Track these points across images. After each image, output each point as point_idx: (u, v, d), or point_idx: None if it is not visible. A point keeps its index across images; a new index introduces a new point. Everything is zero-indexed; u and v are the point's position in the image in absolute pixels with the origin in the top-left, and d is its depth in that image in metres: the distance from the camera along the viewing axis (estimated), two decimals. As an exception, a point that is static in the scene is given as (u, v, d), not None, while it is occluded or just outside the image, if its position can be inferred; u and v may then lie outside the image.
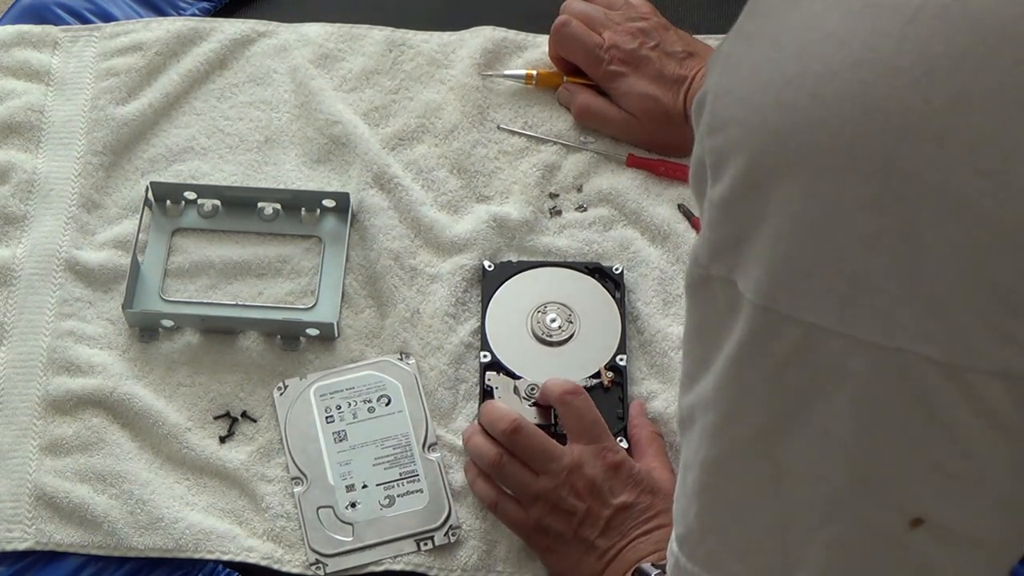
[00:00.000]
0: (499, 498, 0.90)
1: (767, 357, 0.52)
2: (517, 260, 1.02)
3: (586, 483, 0.87)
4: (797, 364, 0.52)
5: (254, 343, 0.99)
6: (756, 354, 0.53)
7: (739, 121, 0.51)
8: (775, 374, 0.53)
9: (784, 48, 0.50)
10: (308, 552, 0.91)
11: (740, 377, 0.54)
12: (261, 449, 0.95)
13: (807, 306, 0.50)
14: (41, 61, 1.11)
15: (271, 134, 1.09)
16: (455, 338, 0.99)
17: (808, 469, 0.54)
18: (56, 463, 0.95)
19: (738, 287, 0.52)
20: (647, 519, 0.87)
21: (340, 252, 1.02)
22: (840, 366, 0.50)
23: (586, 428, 0.90)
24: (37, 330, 1.00)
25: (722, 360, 0.55)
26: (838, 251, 0.49)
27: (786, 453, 0.54)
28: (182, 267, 1.03)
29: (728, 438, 0.57)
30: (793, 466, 0.55)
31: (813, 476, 0.54)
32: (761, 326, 0.52)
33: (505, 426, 0.90)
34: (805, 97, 0.48)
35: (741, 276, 0.52)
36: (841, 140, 0.47)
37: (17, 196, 1.05)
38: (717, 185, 0.52)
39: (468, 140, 1.08)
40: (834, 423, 0.52)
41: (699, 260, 0.55)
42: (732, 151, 0.51)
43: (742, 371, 0.54)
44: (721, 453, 0.57)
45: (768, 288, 0.51)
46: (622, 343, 0.98)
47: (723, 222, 0.53)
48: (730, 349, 0.54)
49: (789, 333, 0.51)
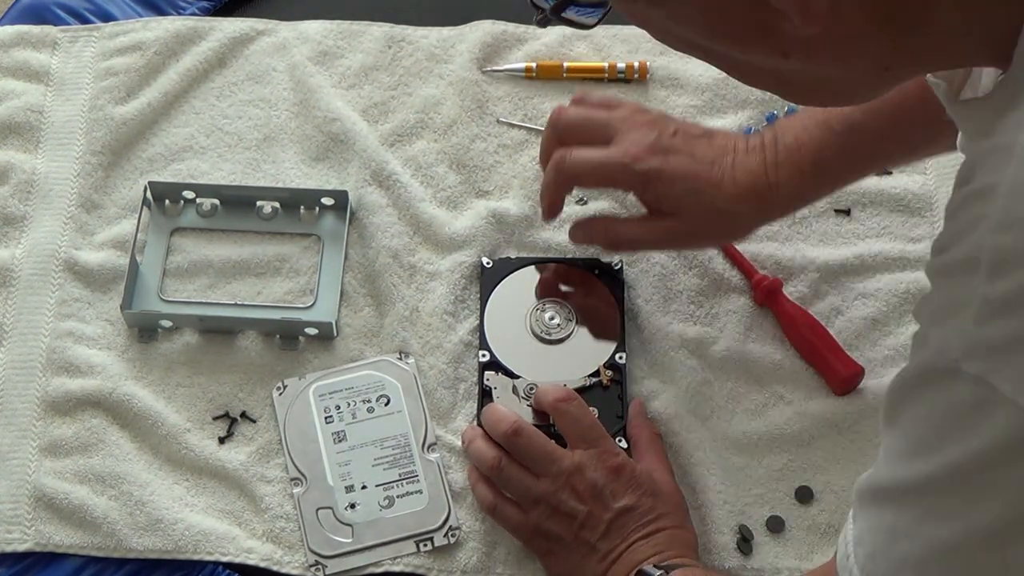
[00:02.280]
0: (499, 501, 0.90)
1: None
2: (516, 256, 1.02)
3: (587, 486, 0.86)
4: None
5: (253, 343, 0.98)
6: (1016, 456, 0.51)
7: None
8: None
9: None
10: (307, 553, 0.91)
11: (988, 473, 0.53)
12: (260, 450, 0.95)
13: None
14: (40, 61, 1.11)
15: (270, 132, 1.08)
16: (454, 337, 0.98)
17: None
18: (55, 464, 0.94)
19: (997, 389, 0.50)
20: (648, 522, 0.86)
21: (339, 250, 1.02)
22: None
23: (584, 433, 0.89)
24: (36, 331, 1.00)
25: (962, 452, 0.53)
26: None
27: (1022, 553, 0.54)
28: (181, 267, 1.02)
29: (963, 525, 0.55)
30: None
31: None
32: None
33: (506, 428, 0.89)
34: None
35: (1008, 380, 0.50)
36: None
37: (16, 196, 1.05)
38: (997, 283, 0.50)
39: (467, 135, 1.07)
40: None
41: (948, 352, 0.53)
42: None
43: (991, 468, 0.53)
44: (952, 538, 0.56)
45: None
46: (621, 341, 0.97)
47: (996, 322, 0.51)
48: (979, 445, 0.52)
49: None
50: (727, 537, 0.91)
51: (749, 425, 0.95)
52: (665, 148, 0.90)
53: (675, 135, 0.91)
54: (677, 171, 0.89)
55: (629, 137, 0.91)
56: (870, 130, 0.86)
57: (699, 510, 0.92)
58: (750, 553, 0.91)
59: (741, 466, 0.94)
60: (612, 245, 0.96)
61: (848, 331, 0.98)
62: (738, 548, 0.91)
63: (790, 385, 0.97)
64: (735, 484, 0.93)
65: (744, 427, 0.95)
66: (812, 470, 0.94)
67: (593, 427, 0.89)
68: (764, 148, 0.90)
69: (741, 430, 0.95)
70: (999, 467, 0.52)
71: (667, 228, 0.92)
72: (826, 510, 0.92)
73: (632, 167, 0.89)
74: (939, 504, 0.56)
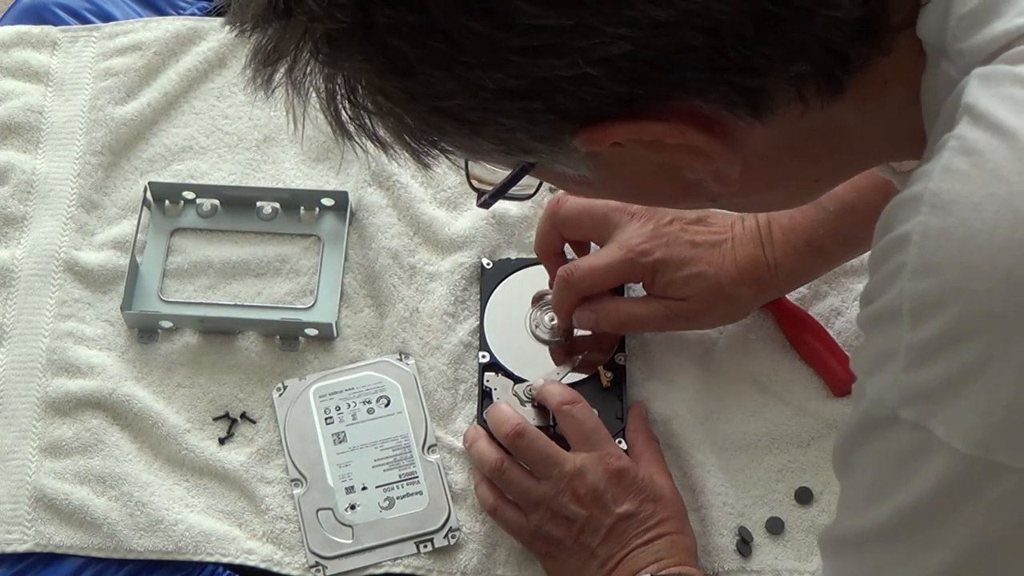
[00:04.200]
0: (500, 503, 0.90)
1: (972, 504, 0.52)
2: (516, 257, 1.01)
3: (588, 490, 0.87)
4: (1006, 509, 0.51)
5: (253, 344, 0.98)
6: (960, 500, 0.52)
7: (959, 263, 0.49)
8: (981, 519, 0.52)
9: (1013, 184, 0.48)
10: (308, 554, 0.91)
11: (933, 517, 0.54)
12: (260, 450, 0.95)
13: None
14: (40, 61, 1.11)
15: (270, 132, 1.08)
16: (454, 338, 0.98)
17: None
18: (55, 465, 0.95)
19: (934, 434, 0.51)
20: (648, 528, 0.86)
21: (339, 251, 1.02)
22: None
23: (587, 436, 0.89)
24: (36, 331, 1.00)
25: (908, 498, 0.54)
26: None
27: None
28: (181, 267, 1.02)
29: (917, 572, 0.56)
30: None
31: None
32: (965, 474, 0.51)
33: (508, 430, 0.89)
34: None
35: (942, 424, 0.51)
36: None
37: (16, 197, 1.05)
38: (919, 330, 0.51)
39: (467, 136, 1.07)
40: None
41: (884, 402, 0.53)
42: (947, 295, 0.50)
43: (936, 512, 0.53)
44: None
45: (983, 437, 0.50)
46: (621, 342, 0.97)
47: (924, 368, 0.51)
48: (921, 490, 0.53)
49: (1003, 481, 0.50)
50: (727, 539, 0.91)
51: (749, 426, 0.95)
52: (665, 237, 0.91)
53: (671, 223, 0.92)
54: (681, 259, 0.91)
55: (627, 231, 0.92)
56: (860, 211, 0.87)
57: (699, 511, 0.92)
58: (750, 555, 0.91)
59: (741, 467, 0.94)
60: (618, 327, 0.95)
61: (848, 331, 0.98)
62: (737, 550, 0.91)
63: (790, 385, 0.97)
64: (735, 485, 0.93)
65: (744, 428, 0.95)
66: (812, 471, 0.94)
67: (596, 430, 0.89)
68: (759, 229, 0.92)
69: (741, 431, 0.95)
70: (945, 511, 0.53)
71: (672, 310, 0.92)
72: (826, 511, 0.92)
73: (638, 261, 0.91)
74: (895, 551, 0.56)
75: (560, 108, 0.53)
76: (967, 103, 0.52)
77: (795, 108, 0.55)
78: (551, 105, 0.53)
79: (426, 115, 0.55)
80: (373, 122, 0.57)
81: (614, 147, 0.56)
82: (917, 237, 0.51)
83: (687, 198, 0.64)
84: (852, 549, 0.60)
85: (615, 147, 0.56)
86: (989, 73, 0.52)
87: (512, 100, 0.53)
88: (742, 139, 0.56)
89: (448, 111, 0.54)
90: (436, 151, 0.59)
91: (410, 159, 0.60)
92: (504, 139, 0.56)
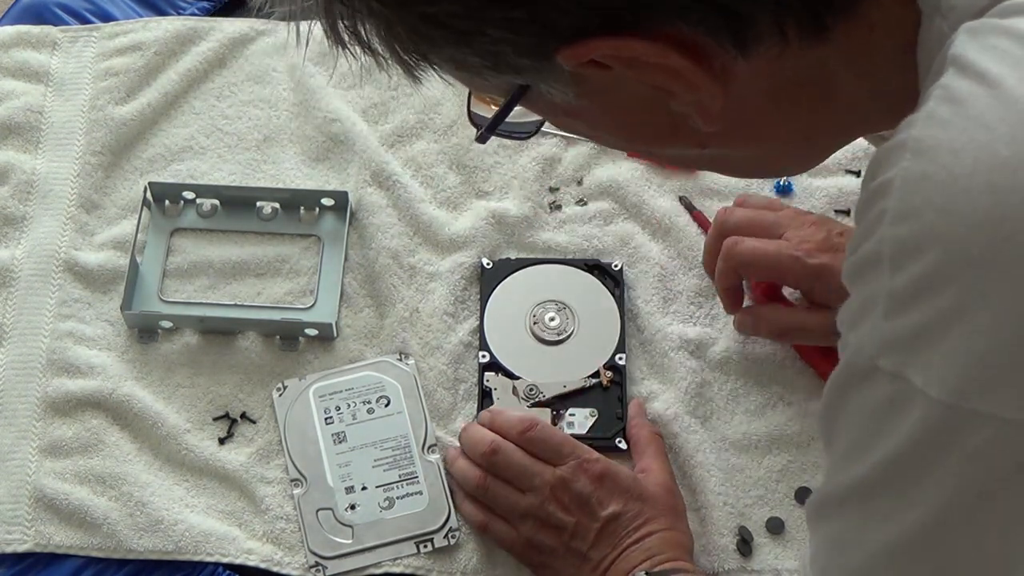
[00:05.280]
0: (489, 519, 0.90)
1: (948, 453, 0.51)
2: (516, 257, 1.01)
3: (572, 497, 0.87)
4: (982, 460, 0.50)
5: (253, 344, 0.98)
6: (936, 449, 0.51)
7: (937, 208, 0.49)
8: (958, 470, 0.51)
9: (994, 130, 0.48)
10: (308, 554, 0.91)
11: (912, 469, 0.53)
12: (260, 450, 0.95)
13: (1008, 402, 0.49)
14: (40, 61, 1.11)
15: (270, 133, 1.08)
16: (454, 337, 0.98)
17: (979, 564, 0.54)
18: (55, 465, 0.95)
19: (912, 382, 0.51)
20: (637, 527, 0.86)
21: (339, 251, 1.02)
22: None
23: (558, 451, 0.89)
24: (36, 331, 1.00)
25: (887, 450, 0.53)
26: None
27: (959, 550, 0.54)
28: (181, 267, 1.02)
29: (898, 527, 0.55)
30: (967, 561, 0.54)
31: (983, 569, 0.54)
32: (941, 423, 0.51)
33: (484, 449, 0.90)
34: (1023, 180, 0.47)
35: (919, 372, 0.50)
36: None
37: (16, 197, 1.05)
38: (898, 275, 0.51)
39: (467, 135, 1.07)
40: (1017, 522, 0.51)
41: (863, 351, 0.53)
42: (925, 239, 0.49)
43: (915, 463, 0.53)
44: (891, 541, 0.56)
45: (959, 385, 0.49)
46: (621, 342, 0.97)
47: (902, 315, 0.51)
48: (900, 441, 0.52)
49: (979, 430, 0.50)
50: (727, 539, 0.91)
51: (749, 426, 0.95)
52: (835, 246, 0.90)
53: (842, 235, 0.91)
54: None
55: (799, 234, 0.92)
56: None
57: (699, 511, 0.92)
58: (750, 555, 0.91)
59: (741, 467, 0.94)
60: (778, 335, 0.95)
61: (848, 332, 0.98)
62: (738, 549, 0.91)
63: (790, 385, 0.97)
64: (735, 485, 0.93)
65: (744, 428, 0.95)
66: (812, 471, 0.94)
67: (564, 443, 0.90)
68: None
69: (741, 431, 0.95)
70: (922, 462, 0.52)
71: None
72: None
73: (805, 260, 0.90)
74: (875, 507, 0.56)
75: (542, 18, 0.54)
76: (953, 54, 0.52)
77: (776, 46, 0.55)
78: (533, 15, 0.53)
79: (416, 22, 0.55)
80: (367, 30, 0.57)
81: (599, 70, 0.55)
82: (898, 182, 0.51)
83: (674, 138, 0.63)
84: (834, 510, 0.59)
85: (600, 70, 0.55)
86: (977, 26, 0.52)
87: (497, 7, 0.53)
88: (725, 73, 0.56)
89: (436, 18, 0.55)
90: (426, 64, 0.59)
91: (402, 73, 0.60)
92: (491, 52, 0.56)
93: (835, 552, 0.60)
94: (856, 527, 0.58)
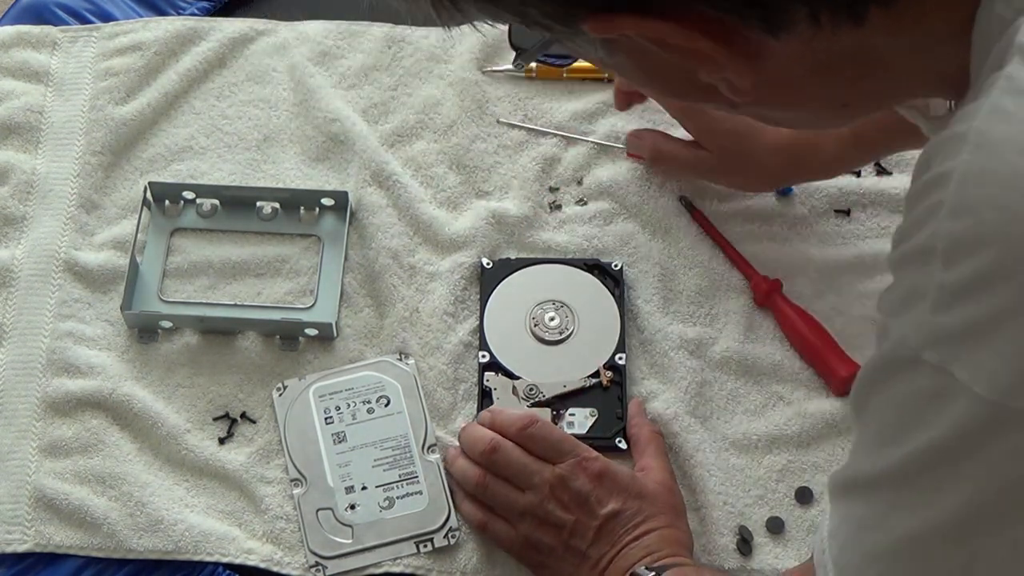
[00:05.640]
0: (488, 518, 0.90)
1: (987, 450, 0.51)
2: (516, 257, 1.01)
3: (571, 496, 0.87)
4: (1020, 458, 0.50)
5: (253, 343, 0.98)
6: (976, 445, 0.51)
7: (998, 205, 0.48)
8: (996, 467, 0.51)
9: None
10: (308, 554, 0.91)
11: (949, 462, 0.53)
12: (260, 450, 0.95)
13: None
14: (40, 61, 1.11)
15: (270, 132, 1.08)
16: (454, 337, 0.98)
17: (1008, 564, 0.53)
18: (55, 465, 0.94)
19: (956, 377, 0.50)
20: (636, 524, 0.86)
21: (339, 251, 1.02)
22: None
23: (557, 448, 0.89)
24: (36, 331, 1.00)
25: (924, 441, 0.53)
26: None
27: (987, 545, 0.54)
28: (181, 267, 1.02)
29: (928, 517, 0.55)
30: (992, 557, 0.54)
31: (1010, 566, 0.53)
32: (984, 420, 0.50)
33: (483, 448, 0.90)
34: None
35: (965, 368, 0.50)
36: None
37: (16, 197, 1.05)
38: (951, 271, 0.50)
39: (467, 135, 1.07)
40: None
41: (907, 342, 0.53)
42: (982, 237, 0.49)
43: (952, 457, 0.53)
44: (918, 530, 0.56)
45: (1007, 383, 0.49)
46: (621, 341, 0.97)
47: (952, 310, 0.50)
48: (939, 434, 0.52)
49: (1021, 429, 0.50)
50: (727, 538, 0.91)
51: (749, 426, 0.95)
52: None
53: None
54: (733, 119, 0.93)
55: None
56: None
57: (699, 511, 0.92)
58: (750, 554, 0.91)
59: (741, 467, 0.94)
60: (655, 158, 1.02)
61: (848, 331, 0.98)
62: (738, 549, 0.91)
63: (790, 385, 0.97)
64: (735, 485, 0.93)
65: (744, 428, 0.95)
66: (812, 471, 0.94)
67: (563, 440, 0.90)
68: None
69: (741, 431, 0.95)
70: (959, 456, 0.52)
71: (705, 158, 0.98)
72: (826, 511, 0.92)
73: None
74: (905, 495, 0.56)
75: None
76: (1021, 43, 0.51)
77: (810, 28, 0.54)
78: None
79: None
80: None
81: (626, 38, 0.55)
82: (958, 176, 0.50)
83: (704, 100, 0.62)
84: (861, 492, 0.59)
85: (627, 38, 0.55)
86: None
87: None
88: (759, 52, 0.55)
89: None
90: (456, 11, 0.59)
91: (432, 13, 0.60)
92: (520, 12, 0.56)
93: (859, 532, 0.60)
94: (884, 512, 0.57)
